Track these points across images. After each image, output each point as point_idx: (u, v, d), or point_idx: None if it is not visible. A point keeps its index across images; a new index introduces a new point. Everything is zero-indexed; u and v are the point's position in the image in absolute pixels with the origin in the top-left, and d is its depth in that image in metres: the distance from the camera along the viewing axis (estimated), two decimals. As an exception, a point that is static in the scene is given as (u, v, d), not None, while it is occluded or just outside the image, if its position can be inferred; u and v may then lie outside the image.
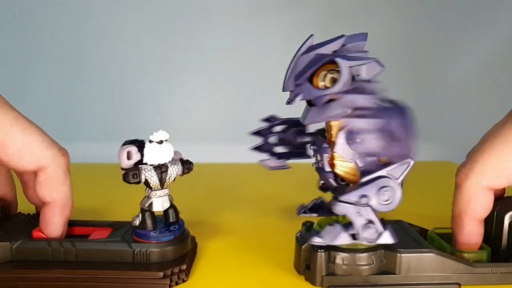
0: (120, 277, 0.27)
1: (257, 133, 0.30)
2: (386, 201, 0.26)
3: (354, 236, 0.27)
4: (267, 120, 0.31)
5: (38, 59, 0.67)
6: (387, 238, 0.27)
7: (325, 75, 0.26)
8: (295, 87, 0.26)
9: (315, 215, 0.31)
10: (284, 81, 0.26)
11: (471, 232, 0.30)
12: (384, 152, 0.26)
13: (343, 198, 0.26)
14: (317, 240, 0.27)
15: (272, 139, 0.30)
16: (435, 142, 0.67)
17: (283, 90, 0.27)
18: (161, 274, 0.27)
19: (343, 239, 0.27)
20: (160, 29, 0.67)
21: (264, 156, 0.31)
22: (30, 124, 0.29)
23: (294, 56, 0.26)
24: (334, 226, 0.27)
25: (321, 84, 0.26)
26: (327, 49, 0.26)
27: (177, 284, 0.28)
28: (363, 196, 0.26)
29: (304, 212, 0.30)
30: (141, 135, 0.29)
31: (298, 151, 0.31)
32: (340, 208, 0.26)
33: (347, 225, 0.27)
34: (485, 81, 0.68)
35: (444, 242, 0.31)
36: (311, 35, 0.26)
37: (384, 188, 0.26)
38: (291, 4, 0.67)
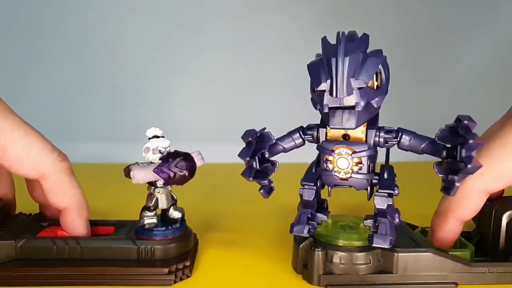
0: (126, 273, 0.28)
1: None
2: None
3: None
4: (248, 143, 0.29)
5: (38, 59, 0.68)
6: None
7: (376, 76, 0.25)
8: (359, 91, 0.24)
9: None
10: (337, 86, 0.24)
11: (452, 230, 0.30)
12: None
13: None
14: (378, 243, 0.26)
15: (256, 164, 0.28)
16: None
17: (348, 95, 0.24)
18: (166, 270, 0.28)
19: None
20: (160, 29, 0.67)
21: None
22: (31, 130, 0.30)
23: (337, 57, 0.24)
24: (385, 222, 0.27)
25: (375, 84, 0.25)
26: (361, 48, 0.24)
27: (181, 279, 0.29)
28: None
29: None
30: (141, 135, 0.30)
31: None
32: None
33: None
34: (485, 81, 0.68)
35: (424, 237, 0.31)
36: (339, 31, 0.24)
37: None
38: (290, 4, 0.67)
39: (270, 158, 0.30)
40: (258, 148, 0.29)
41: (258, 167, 0.28)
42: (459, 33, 0.68)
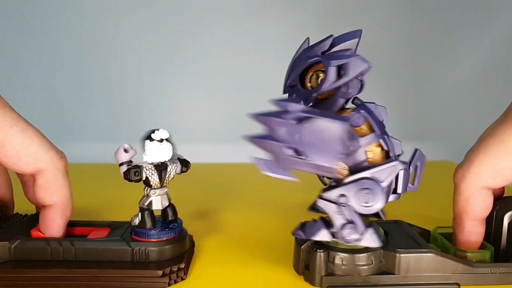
0: (120, 275, 0.28)
1: None
2: (366, 203, 0.26)
3: (333, 234, 0.27)
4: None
5: (37, 59, 0.67)
6: (368, 241, 0.27)
7: (311, 76, 0.27)
8: (290, 89, 0.27)
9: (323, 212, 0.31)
10: (284, 84, 0.28)
11: (471, 231, 0.30)
12: (298, 167, 0.26)
13: (324, 195, 0.26)
14: (297, 234, 0.28)
15: None
16: (435, 142, 0.67)
17: (284, 93, 0.28)
18: (160, 272, 0.27)
19: (323, 235, 0.27)
20: (160, 29, 0.67)
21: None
22: (29, 126, 0.30)
23: (292, 59, 0.27)
24: (316, 221, 0.28)
25: (308, 85, 0.27)
26: (317, 50, 0.26)
27: (175, 282, 0.28)
28: (342, 195, 0.26)
29: (313, 208, 0.30)
30: (141, 135, 0.29)
31: None
32: (321, 205, 0.27)
33: (331, 222, 0.27)
34: (485, 81, 0.68)
35: (447, 241, 0.31)
36: (307, 38, 0.27)
37: (365, 190, 0.26)
38: (291, 4, 0.67)
39: None
40: None
41: None
42: (459, 33, 0.68)
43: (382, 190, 0.26)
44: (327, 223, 0.27)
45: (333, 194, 0.26)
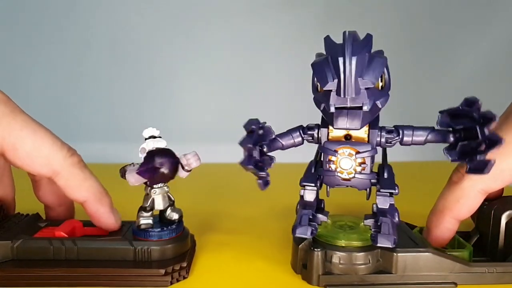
0: (122, 274, 0.28)
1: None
2: None
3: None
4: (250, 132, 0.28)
5: (38, 59, 0.67)
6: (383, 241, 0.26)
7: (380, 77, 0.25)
8: (367, 91, 0.24)
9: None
10: (345, 85, 0.24)
11: (448, 228, 0.30)
12: None
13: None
14: (385, 243, 0.26)
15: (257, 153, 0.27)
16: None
17: (356, 95, 0.24)
18: (163, 271, 0.28)
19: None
20: (159, 29, 0.67)
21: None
22: (40, 127, 0.30)
23: (344, 58, 0.23)
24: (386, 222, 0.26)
25: (380, 84, 0.25)
26: (367, 49, 0.24)
27: (178, 281, 0.28)
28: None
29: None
30: (141, 135, 0.29)
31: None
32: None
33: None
34: (485, 81, 0.68)
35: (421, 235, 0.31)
36: (344, 31, 0.24)
37: None
38: (291, 4, 0.67)
39: (267, 153, 0.29)
40: (259, 140, 0.28)
41: (258, 158, 0.27)
42: (459, 33, 0.68)
43: None
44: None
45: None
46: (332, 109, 0.25)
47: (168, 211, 0.31)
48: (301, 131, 0.29)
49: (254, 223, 0.40)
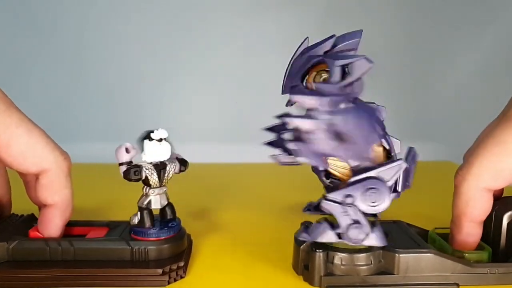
0: (119, 274, 0.28)
1: (271, 129, 0.29)
2: (373, 203, 0.26)
3: (339, 235, 0.27)
4: (281, 116, 0.31)
5: (38, 59, 0.67)
6: (373, 240, 0.27)
7: (315, 76, 0.26)
8: (291, 90, 0.26)
9: (319, 213, 0.31)
10: (282, 85, 0.27)
11: (469, 233, 0.30)
12: (334, 153, 0.26)
13: (330, 196, 0.26)
14: (303, 236, 0.28)
15: (286, 135, 0.29)
16: (435, 142, 0.67)
17: (282, 93, 0.27)
18: (160, 271, 0.28)
19: (329, 237, 0.27)
20: (159, 29, 0.67)
21: (276, 151, 0.31)
22: (35, 127, 0.30)
23: (290, 60, 0.27)
24: (321, 223, 0.27)
25: (310, 85, 0.26)
26: (319, 50, 0.26)
27: (175, 280, 0.28)
28: (348, 195, 0.26)
29: (309, 209, 0.30)
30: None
31: None
32: (326, 206, 0.26)
33: (335, 223, 0.27)
34: (485, 80, 0.68)
35: (445, 242, 0.31)
36: (306, 38, 0.26)
37: (371, 189, 0.26)
38: (290, 4, 0.67)
39: None
40: None
41: None
42: (459, 33, 0.68)
43: (388, 190, 0.26)
44: (331, 224, 0.27)
45: (339, 194, 0.26)
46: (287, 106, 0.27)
47: (165, 210, 0.30)
48: None
49: (254, 223, 0.40)
